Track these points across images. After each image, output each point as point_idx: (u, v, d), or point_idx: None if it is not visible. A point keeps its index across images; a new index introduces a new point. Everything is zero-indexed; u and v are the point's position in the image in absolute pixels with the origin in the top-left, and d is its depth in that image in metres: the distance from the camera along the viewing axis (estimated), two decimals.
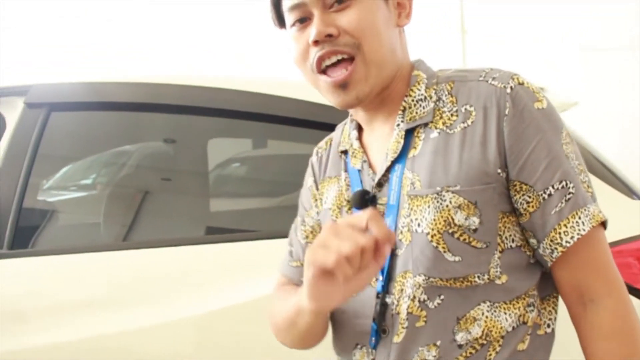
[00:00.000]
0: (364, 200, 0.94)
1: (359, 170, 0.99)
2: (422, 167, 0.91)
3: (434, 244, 0.88)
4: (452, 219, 0.87)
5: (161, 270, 1.47)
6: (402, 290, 0.90)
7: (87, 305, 1.44)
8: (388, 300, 0.91)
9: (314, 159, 1.13)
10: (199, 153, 1.88)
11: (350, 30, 0.90)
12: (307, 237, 1.10)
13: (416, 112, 0.95)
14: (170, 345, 1.41)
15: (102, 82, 1.66)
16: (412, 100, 0.96)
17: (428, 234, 0.88)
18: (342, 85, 0.91)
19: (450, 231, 0.88)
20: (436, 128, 0.92)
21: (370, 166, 0.98)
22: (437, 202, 0.88)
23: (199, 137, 1.88)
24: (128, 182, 1.94)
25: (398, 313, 0.90)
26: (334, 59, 0.91)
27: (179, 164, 1.94)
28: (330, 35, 0.89)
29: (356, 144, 1.01)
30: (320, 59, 0.91)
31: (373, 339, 0.92)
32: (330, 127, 1.56)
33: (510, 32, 6.97)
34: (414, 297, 0.89)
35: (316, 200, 1.08)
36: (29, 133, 1.58)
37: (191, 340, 1.42)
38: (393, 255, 0.91)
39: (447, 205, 0.88)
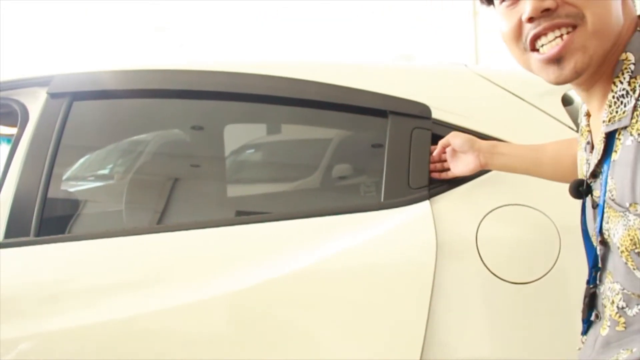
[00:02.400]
0: (579, 191, 0.90)
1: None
2: (618, 177, 0.80)
3: (624, 259, 0.82)
4: (639, 239, 0.78)
5: (186, 252, 1.50)
6: (607, 287, 0.88)
7: (113, 288, 1.47)
8: (600, 289, 0.90)
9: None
10: (216, 139, 1.91)
11: (573, 1, 0.79)
12: None
13: (616, 112, 0.81)
14: (194, 325, 1.44)
15: (121, 70, 1.69)
16: (614, 97, 0.82)
17: (619, 248, 0.82)
18: (557, 60, 0.82)
19: (637, 251, 0.79)
20: (631, 134, 0.78)
21: (592, 149, 0.90)
22: (624, 219, 0.80)
23: (216, 123, 1.91)
24: (147, 170, 1.98)
25: (605, 306, 0.89)
26: (551, 37, 0.81)
27: (197, 150, 1.97)
28: (547, 10, 0.79)
29: (584, 121, 0.93)
30: (536, 37, 0.82)
31: (585, 325, 0.93)
32: (351, 109, 1.59)
33: None
34: (613, 301, 0.86)
35: None
36: (52, 123, 1.62)
37: (213, 321, 1.46)
38: (608, 247, 0.87)
39: (632, 225, 0.79)
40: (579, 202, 0.99)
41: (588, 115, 0.94)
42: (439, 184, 1.47)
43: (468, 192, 1.45)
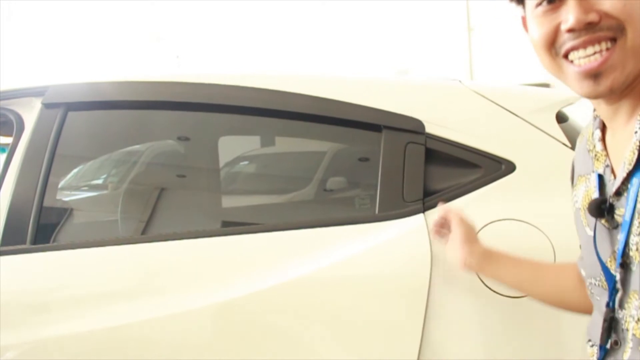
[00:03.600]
0: (600, 209, 0.87)
1: (601, 175, 0.90)
2: None
3: None
4: None
5: (180, 262, 1.50)
6: (630, 308, 0.84)
7: (108, 296, 1.47)
8: (619, 314, 0.86)
9: (576, 147, 1.04)
10: (210, 150, 1.92)
11: (615, 14, 0.78)
12: None
13: None
14: (187, 334, 1.44)
15: (116, 82, 1.70)
16: None
17: None
18: (595, 75, 0.80)
19: None
20: None
21: (612, 171, 0.88)
22: None
23: (210, 135, 1.92)
24: (142, 180, 1.98)
25: (627, 330, 0.85)
26: (590, 51, 0.80)
27: (191, 162, 1.97)
28: (590, 23, 0.79)
29: (599, 146, 0.91)
30: (573, 49, 0.81)
31: (602, 352, 0.88)
32: (345, 123, 1.60)
33: (516, 28, 6.97)
34: (639, 319, 0.82)
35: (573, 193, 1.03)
36: (47, 133, 1.62)
37: (207, 329, 1.45)
38: (628, 269, 0.84)
39: None
40: (571, 222, 1.00)
41: (603, 140, 0.92)
42: (433, 197, 1.48)
43: (463, 206, 1.46)
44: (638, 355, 0.82)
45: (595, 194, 0.90)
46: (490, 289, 1.37)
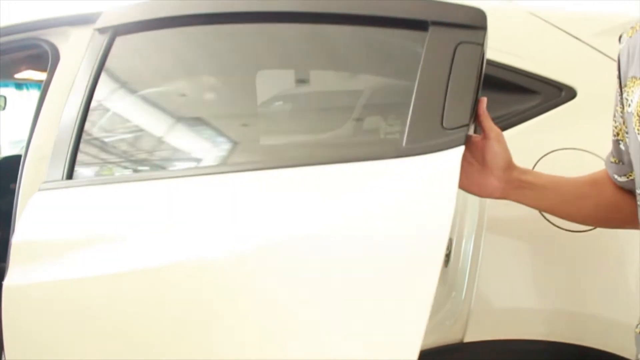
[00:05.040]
0: None
1: None
2: None
3: None
4: None
5: (219, 196, 1.40)
6: None
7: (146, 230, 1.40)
8: None
9: (620, 47, 0.94)
10: (248, 85, 1.84)
11: None
12: (617, 134, 0.99)
13: None
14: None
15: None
16: None
17: None
18: None
19: None
20: None
21: None
22: None
23: (247, 69, 1.83)
24: (177, 117, 1.92)
25: None
26: None
27: (228, 96, 1.90)
28: None
29: None
30: None
31: None
32: (384, 22, 1.24)
33: None
34: None
35: (621, 96, 0.94)
36: (93, 60, 1.48)
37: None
38: None
39: None
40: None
41: None
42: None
43: (518, 136, 1.38)
44: None
45: None
46: (551, 223, 1.31)
